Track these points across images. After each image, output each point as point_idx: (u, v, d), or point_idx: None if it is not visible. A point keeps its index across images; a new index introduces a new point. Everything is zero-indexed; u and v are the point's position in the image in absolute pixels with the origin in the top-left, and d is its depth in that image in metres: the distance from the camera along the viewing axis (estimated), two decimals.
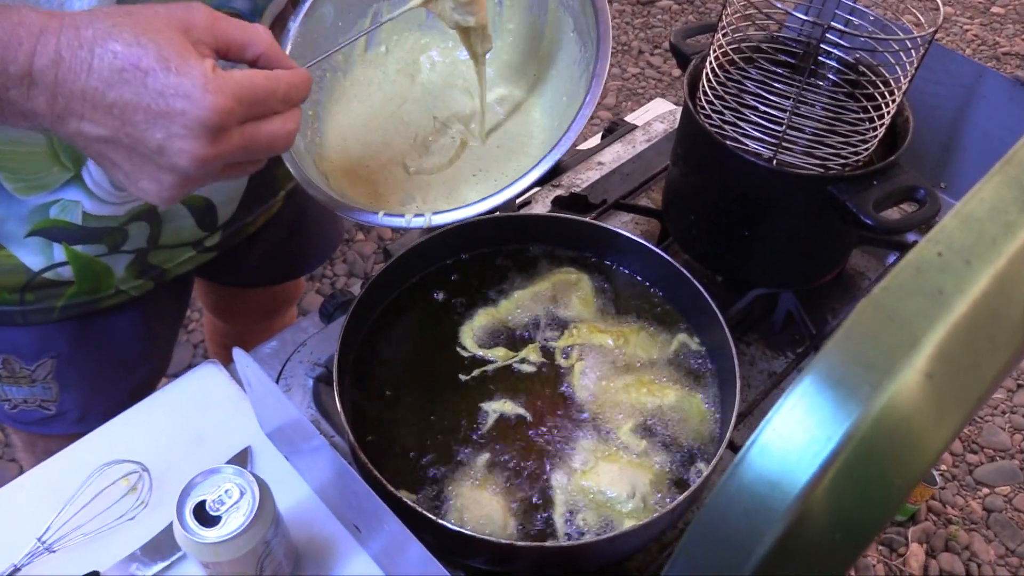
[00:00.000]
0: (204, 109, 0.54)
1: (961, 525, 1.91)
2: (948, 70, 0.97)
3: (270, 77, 0.59)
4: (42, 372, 0.94)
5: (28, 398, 0.96)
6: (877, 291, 0.30)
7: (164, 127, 0.54)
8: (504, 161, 0.90)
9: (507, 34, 0.94)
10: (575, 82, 0.87)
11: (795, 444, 0.28)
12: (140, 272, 0.93)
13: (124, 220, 0.85)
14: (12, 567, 0.75)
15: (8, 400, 0.96)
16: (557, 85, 0.91)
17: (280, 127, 0.61)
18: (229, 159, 0.58)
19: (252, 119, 0.59)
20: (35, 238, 0.83)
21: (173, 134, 0.55)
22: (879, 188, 0.78)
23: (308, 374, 0.87)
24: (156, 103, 0.54)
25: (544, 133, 0.90)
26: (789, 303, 0.95)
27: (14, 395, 0.96)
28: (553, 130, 0.88)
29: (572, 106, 0.84)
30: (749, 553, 0.29)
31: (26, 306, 0.88)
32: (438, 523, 0.63)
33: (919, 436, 0.29)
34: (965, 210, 0.33)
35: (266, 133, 0.60)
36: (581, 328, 0.83)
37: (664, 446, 0.75)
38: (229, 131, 0.57)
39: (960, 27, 3.54)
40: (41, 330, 0.91)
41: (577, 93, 0.85)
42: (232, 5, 0.77)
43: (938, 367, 0.29)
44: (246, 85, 0.57)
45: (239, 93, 0.56)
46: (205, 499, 0.66)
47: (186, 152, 0.55)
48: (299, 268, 1.26)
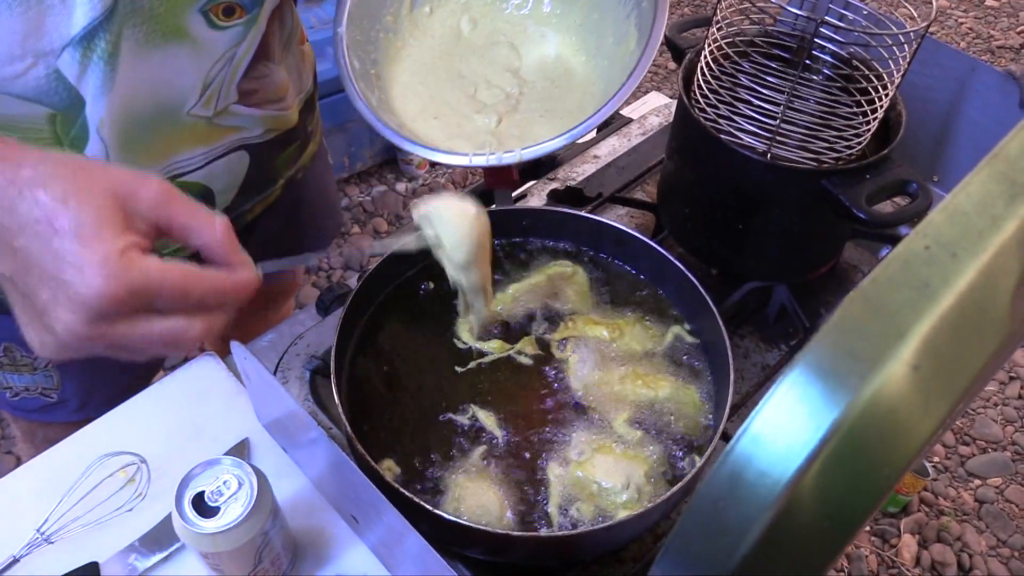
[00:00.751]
0: (88, 289, 0.51)
1: (953, 516, 1.93)
2: (941, 64, 0.97)
3: (189, 276, 0.55)
4: (43, 360, 0.95)
5: (29, 386, 0.97)
6: (865, 284, 0.31)
7: (51, 290, 0.52)
8: (562, 101, 0.93)
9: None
10: (621, 22, 0.89)
11: (785, 433, 0.29)
12: None
13: None
14: (11, 558, 0.76)
15: (10, 388, 0.97)
16: (602, 28, 0.93)
17: (180, 329, 0.55)
18: (111, 343, 0.54)
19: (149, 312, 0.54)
20: None
21: (56, 300, 0.52)
22: (872, 182, 0.78)
23: (305, 366, 0.87)
24: (52, 265, 0.52)
25: (593, 74, 0.93)
26: (783, 296, 0.95)
27: (15, 383, 0.96)
28: (603, 70, 0.91)
29: (622, 46, 0.87)
30: (740, 539, 0.29)
31: None
32: (435, 513, 0.63)
33: (906, 426, 0.30)
34: (952, 204, 0.33)
35: (159, 331, 0.55)
36: (576, 321, 0.84)
37: (658, 437, 0.76)
38: (111, 318, 0.53)
39: (955, 20, 3.54)
40: None
41: (626, 31, 0.87)
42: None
43: (924, 359, 0.30)
44: (152, 278, 0.53)
45: (138, 284, 0.52)
46: (204, 490, 0.67)
47: (61, 322, 0.52)
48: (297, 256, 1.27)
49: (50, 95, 0.73)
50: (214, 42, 0.79)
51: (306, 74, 1.01)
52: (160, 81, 0.78)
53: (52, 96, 0.73)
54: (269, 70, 0.88)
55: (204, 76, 0.81)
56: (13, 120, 0.74)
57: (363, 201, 2.57)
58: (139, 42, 0.74)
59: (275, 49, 0.88)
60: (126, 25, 0.72)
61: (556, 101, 0.93)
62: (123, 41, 0.73)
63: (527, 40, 0.97)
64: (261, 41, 0.84)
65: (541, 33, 0.97)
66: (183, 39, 0.77)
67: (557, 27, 0.97)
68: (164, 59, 0.77)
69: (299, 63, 0.97)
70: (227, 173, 0.94)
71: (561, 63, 0.96)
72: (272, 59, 0.88)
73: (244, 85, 0.85)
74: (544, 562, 0.74)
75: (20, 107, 0.73)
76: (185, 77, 0.80)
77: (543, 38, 0.96)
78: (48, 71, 0.72)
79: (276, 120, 0.93)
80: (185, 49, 0.78)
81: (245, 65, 0.84)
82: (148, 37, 0.74)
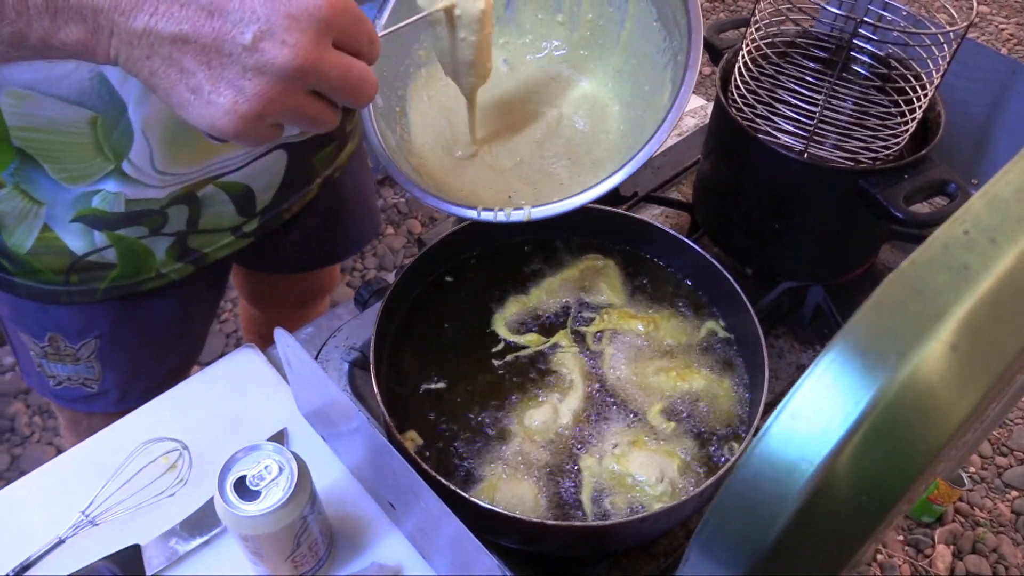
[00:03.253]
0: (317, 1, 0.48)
1: (989, 527, 1.90)
2: (981, 66, 0.96)
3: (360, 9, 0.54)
4: (86, 351, 0.97)
5: (72, 376, 0.99)
6: (905, 265, 0.31)
7: (264, 17, 0.47)
8: (587, 155, 0.90)
9: (585, 25, 0.93)
10: (659, 71, 0.86)
11: (823, 409, 0.29)
12: (180, 255, 0.95)
13: (164, 203, 0.88)
14: (57, 539, 0.78)
15: (53, 376, 1.00)
16: (638, 76, 0.90)
17: (369, 71, 0.54)
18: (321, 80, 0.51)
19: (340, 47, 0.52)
20: (79, 224, 0.86)
21: (274, 25, 0.47)
22: (910, 182, 0.78)
23: (344, 358, 0.89)
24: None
25: (624, 125, 0.90)
26: (818, 297, 0.95)
27: (59, 372, 0.99)
28: (634, 121, 0.88)
29: (656, 96, 0.84)
30: (778, 514, 0.30)
31: (71, 287, 0.91)
32: (471, 501, 0.65)
33: (943, 405, 0.30)
34: (992, 191, 0.34)
35: (358, 69, 0.53)
36: (612, 314, 0.84)
37: (692, 430, 0.76)
38: (329, 45, 0.50)
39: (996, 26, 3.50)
40: (85, 310, 0.94)
41: (661, 82, 0.84)
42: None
43: (962, 339, 0.30)
44: (350, 2, 0.51)
45: (347, 4, 0.50)
46: (245, 474, 0.68)
47: (288, 46, 0.48)
48: (334, 255, 1.28)
49: (92, 98, 0.75)
50: None
51: None
52: None
53: (94, 99, 0.75)
54: None
55: None
56: (55, 122, 0.76)
57: (398, 203, 2.59)
58: None
59: None
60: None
61: (582, 150, 0.90)
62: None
63: (561, 84, 0.95)
64: None
65: (576, 78, 0.94)
66: None
67: (593, 72, 0.94)
68: None
69: None
70: (266, 172, 0.96)
71: (595, 110, 0.93)
72: None
73: None
74: (576, 552, 0.75)
75: (63, 109, 0.75)
76: None
77: (578, 83, 0.94)
78: (92, 74, 0.73)
79: None
80: None
81: None
82: None
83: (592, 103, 0.93)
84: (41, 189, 0.82)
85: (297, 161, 0.98)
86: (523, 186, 0.87)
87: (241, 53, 0.48)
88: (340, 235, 1.22)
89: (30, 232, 0.85)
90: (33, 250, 0.87)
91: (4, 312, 0.97)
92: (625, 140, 0.87)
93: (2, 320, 1.00)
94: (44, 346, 0.96)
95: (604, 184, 0.79)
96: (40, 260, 0.88)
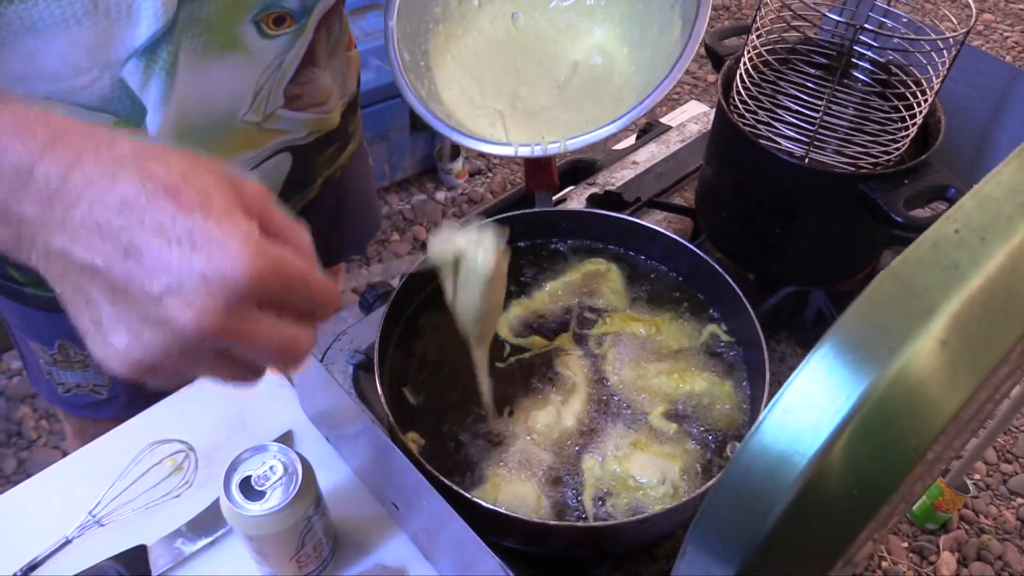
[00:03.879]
0: (235, 265, 0.44)
1: (994, 534, 1.90)
2: (982, 72, 0.97)
3: (309, 267, 0.49)
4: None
5: (81, 383, 1.00)
6: (896, 263, 0.32)
7: (177, 271, 0.43)
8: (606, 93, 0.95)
9: None
10: (666, 11, 0.90)
11: (815, 403, 0.30)
12: None
13: None
14: (64, 538, 0.79)
15: (62, 384, 1.00)
16: (646, 18, 0.95)
17: (302, 337, 0.49)
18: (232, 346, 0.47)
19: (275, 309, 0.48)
20: None
21: (184, 284, 0.43)
22: (910, 187, 0.79)
23: (348, 361, 0.89)
24: (180, 241, 0.44)
25: (635, 65, 0.95)
26: (820, 301, 0.96)
27: (68, 379, 0.99)
28: (645, 61, 0.93)
29: (665, 35, 0.89)
30: (771, 506, 0.31)
31: None
32: (474, 501, 0.65)
33: (933, 400, 0.31)
34: (983, 191, 0.34)
35: (283, 337, 0.48)
36: (615, 317, 0.85)
37: (694, 433, 0.77)
38: (248, 305, 0.46)
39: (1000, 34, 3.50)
40: None
41: (669, 21, 0.89)
42: (282, 4, 0.80)
43: (952, 336, 0.31)
44: (287, 261, 0.47)
45: (280, 266, 0.46)
46: (251, 474, 0.69)
47: (192, 308, 0.44)
48: (336, 255, 1.29)
49: (114, 104, 0.76)
50: (264, 50, 0.82)
51: (351, 78, 1.04)
52: (216, 89, 0.81)
53: (116, 105, 0.76)
54: (314, 75, 0.90)
55: (255, 83, 0.84)
56: None
57: (403, 209, 2.61)
58: (196, 52, 0.77)
59: (321, 55, 0.90)
60: (185, 36, 0.75)
61: (598, 92, 0.95)
62: (181, 51, 0.76)
63: (572, 32, 0.99)
64: (308, 48, 0.86)
65: (586, 25, 0.99)
66: (237, 48, 0.80)
67: (602, 19, 0.99)
68: (220, 68, 0.80)
69: (344, 68, 1.00)
70: (271, 175, 0.96)
71: (605, 54, 0.98)
72: (318, 65, 0.90)
73: (289, 90, 0.88)
74: (578, 552, 0.75)
75: (87, 116, 0.76)
76: (238, 85, 0.83)
77: (587, 30, 0.99)
78: (113, 81, 0.74)
79: (319, 122, 0.96)
80: (239, 58, 0.81)
81: (292, 72, 0.87)
82: (205, 47, 0.77)
83: (603, 48, 0.98)
84: None
85: (301, 162, 0.99)
86: (552, 127, 0.91)
87: (145, 302, 0.44)
88: (342, 233, 1.23)
89: None
90: None
91: (13, 320, 0.98)
92: (639, 78, 0.92)
93: (11, 328, 1.00)
94: (54, 353, 0.97)
95: (631, 113, 0.84)
96: None
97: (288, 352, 0.49)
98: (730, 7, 3.56)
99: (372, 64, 2.39)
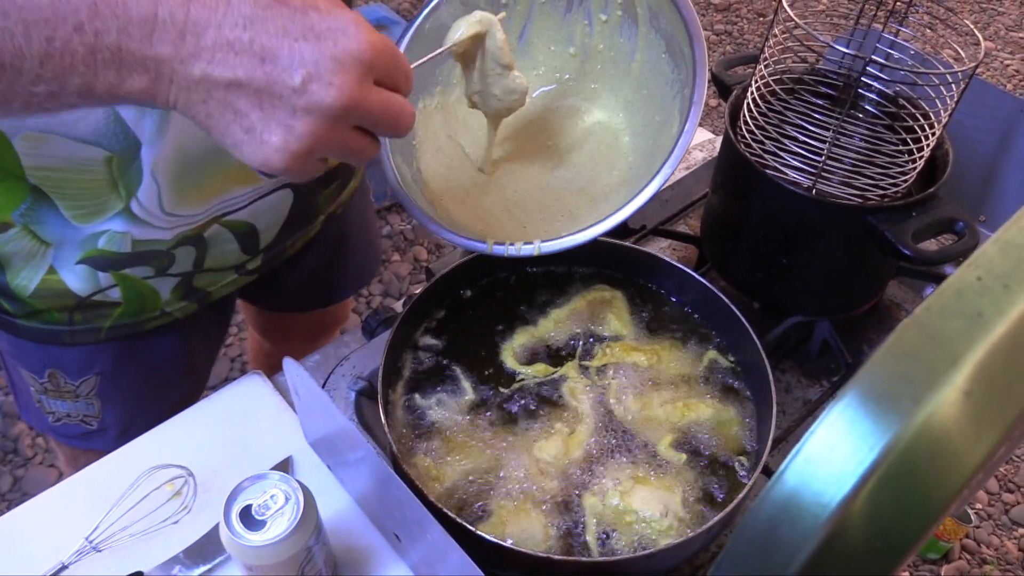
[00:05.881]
0: (359, 42, 0.52)
1: (996, 565, 1.88)
2: (988, 104, 0.97)
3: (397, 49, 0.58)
4: (86, 388, 0.96)
5: (71, 412, 0.99)
6: (919, 311, 0.31)
7: (312, 61, 0.51)
8: (598, 185, 0.91)
9: (597, 56, 0.94)
10: (668, 103, 0.87)
11: (838, 454, 0.29)
12: (185, 294, 0.95)
13: (171, 244, 0.87)
14: (60, 564, 0.78)
15: (52, 413, 0.99)
16: (649, 107, 0.92)
17: (407, 104, 0.58)
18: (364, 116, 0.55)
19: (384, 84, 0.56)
20: (84, 266, 0.85)
21: (321, 68, 0.51)
22: (918, 219, 0.79)
23: (351, 387, 0.89)
24: (305, 36, 0.51)
25: (634, 156, 0.91)
26: (825, 332, 0.95)
27: (58, 408, 0.98)
28: (646, 152, 0.89)
29: (667, 128, 0.85)
30: (792, 558, 0.30)
31: (75, 326, 0.91)
32: (476, 534, 0.64)
33: (957, 452, 0.30)
34: (1004, 237, 0.34)
35: (397, 103, 0.57)
36: (614, 347, 0.85)
37: (698, 463, 0.76)
38: (371, 82, 0.54)
39: (1000, 62, 3.52)
40: (87, 348, 0.93)
41: (671, 114, 0.86)
42: None
43: (977, 386, 0.30)
44: (389, 42, 0.56)
45: (386, 44, 0.55)
46: (251, 503, 0.68)
47: (334, 87, 0.52)
48: (338, 292, 1.28)
49: (108, 137, 0.75)
50: None
51: None
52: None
53: (110, 139, 0.75)
54: None
55: None
56: (71, 161, 0.76)
57: (404, 229, 2.60)
58: None
59: None
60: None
61: (594, 181, 0.91)
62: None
63: (573, 116, 0.96)
64: None
65: (588, 109, 0.95)
66: None
67: (605, 104, 0.95)
68: None
69: None
70: (271, 211, 0.96)
71: (606, 141, 0.94)
72: None
73: None
74: None
75: (79, 149, 0.75)
76: None
77: (590, 114, 0.95)
78: (108, 114, 0.74)
79: None
80: None
81: None
82: None
83: (603, 134, 0.94)
84: (50, 229, 0.82)
85: (302, 199, 0.98)
86: (536, 217, 0.88)
87: (291, 95, 0.51)
88: (343, 271, 1.22)
89: (36, 273, 0.85)
90: (36, 292, 0.86)
91: (4, 348, 0.97)
92: (636, 171, 0.88)
93: (1, 355, 0.99)
94: (44, 382, 0.96)
95: (611, 219, 0.80)
96: (44, 301, 0.88)
97: (402, 115, 0.57)
98: (732, 32, 3.58)
99: None
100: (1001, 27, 3.72)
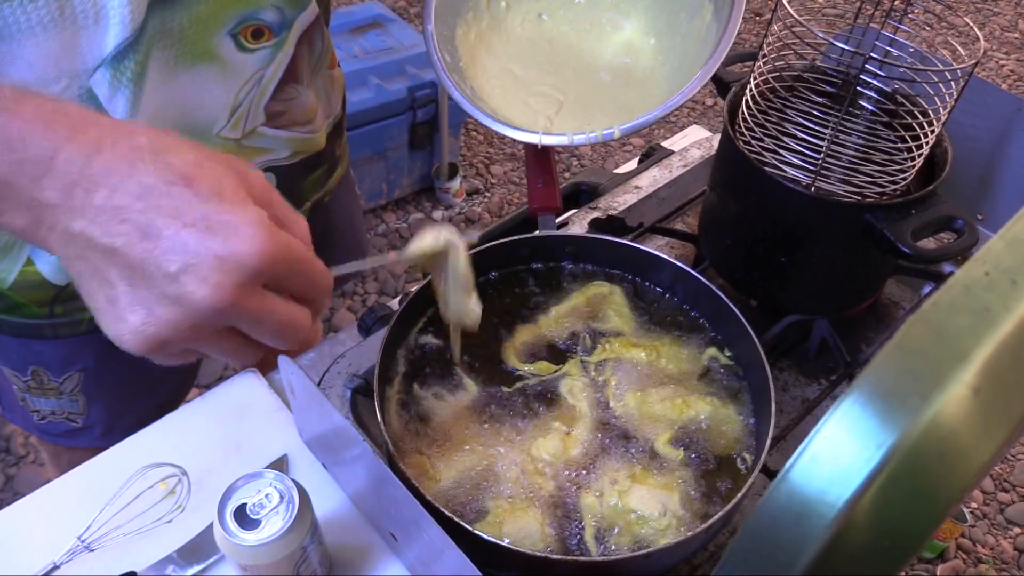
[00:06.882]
0: (251, 245, 0.48)
1: (991, 564, 1.88)
2: (987, 103, 0.97)
3: (310, 253, 0.54)
4: (69, 385, 0.96)
5: (56, 410, 0.98)
6: (926, 307, 0.31)
7: (194, 251, 0.47)
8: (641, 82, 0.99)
9: None
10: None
11: (844, 452, 0.29)
12: None
13: None
14: (52, 564, 0.77)
15: (37, 411, 0.98)
16: (673, 4, 0.99)
17: (299, 315, 0.53)
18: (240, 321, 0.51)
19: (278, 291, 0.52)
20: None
21: (201, 262, 0.47)
22: (917, 217, 0.78)
23: (346, 385, 0.88)
24: (195, 224, 0.47)
25: (663, 54, 0.98)
26: (823, 330, 0.95)
27: (42, 406, 0.97)
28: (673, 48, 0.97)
29: (696, 20, 0.93)
30: (797, 557, 0.30)
31: (55, 319, 0.90)
32: (473, 533, 0.64)
33: (965, 449, 0.30)
34: (1011, 232, 0.34)
35: (287, 314, 0.52)
36: (613, 343, 0.84)
37: (697, 461, 0.76)
38: (257, 284, 0.50)
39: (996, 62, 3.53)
40: (69, 343, 0.92)
41: (699, 5, 0.92)
42: (260, 17, 0.79)
43: (985, 382, 0.30)
44: (294, 245, 0.51)
45: (287, 250, 0.50)
46: (246, 502, 0.68)
47: (207, 285, 0.47)
48: None
49: None
50: (243, 64, 0.80)
51: (335, 98, 1.02)
52: (188, 103, 0.79)
53: None
54: (297, 92, 0.88)
55: (233, 98, 0.82)
56: None
57: (399, 228, 2.60)
58: (168, 64, 0.75)
59: (304, 71, 0.88)
60: (155, 46, 0.73)
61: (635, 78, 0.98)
62: (151, 62, 0.74)
63: (598, 29, 1.02)
64: (289, 64, 0.85)
65: (612, 20, 1.02)
66: (212, 61, 0.78)
67: (627, 11, 1.02)
68: (192, 80, 0.78)
69: (328, 86, 0.98)
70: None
71: (633, 44, 1.01)
72: (301, 81, 0.88)
73: (272, 107, 0.86)
74: None
75: None
76: (213, 99, 0.81)
77: (614, 25, 1.02)
78: (81, 92, 0.72)
79: (304, 143, 0.94)
80: (214, 71, 0.79)
81: (273, 87, 0.85)
82: (177, 59, 0.75)
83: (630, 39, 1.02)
84: None
85: (286, 184, 0.97)
86: (598, 117, 0.94)
87: (162, 280, 0.48)
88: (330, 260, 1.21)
89: (13, 266, 0.84)
90: (15, 285, 0.86)
91: None
92: (668, 65, 0.96)
93: None
94: (27, 380, 0.95)
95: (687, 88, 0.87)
96: (23, 294, 0.87)
97: (290, 329, 0.53)
98: None
99: (371, 82, 2.39)
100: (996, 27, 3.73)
